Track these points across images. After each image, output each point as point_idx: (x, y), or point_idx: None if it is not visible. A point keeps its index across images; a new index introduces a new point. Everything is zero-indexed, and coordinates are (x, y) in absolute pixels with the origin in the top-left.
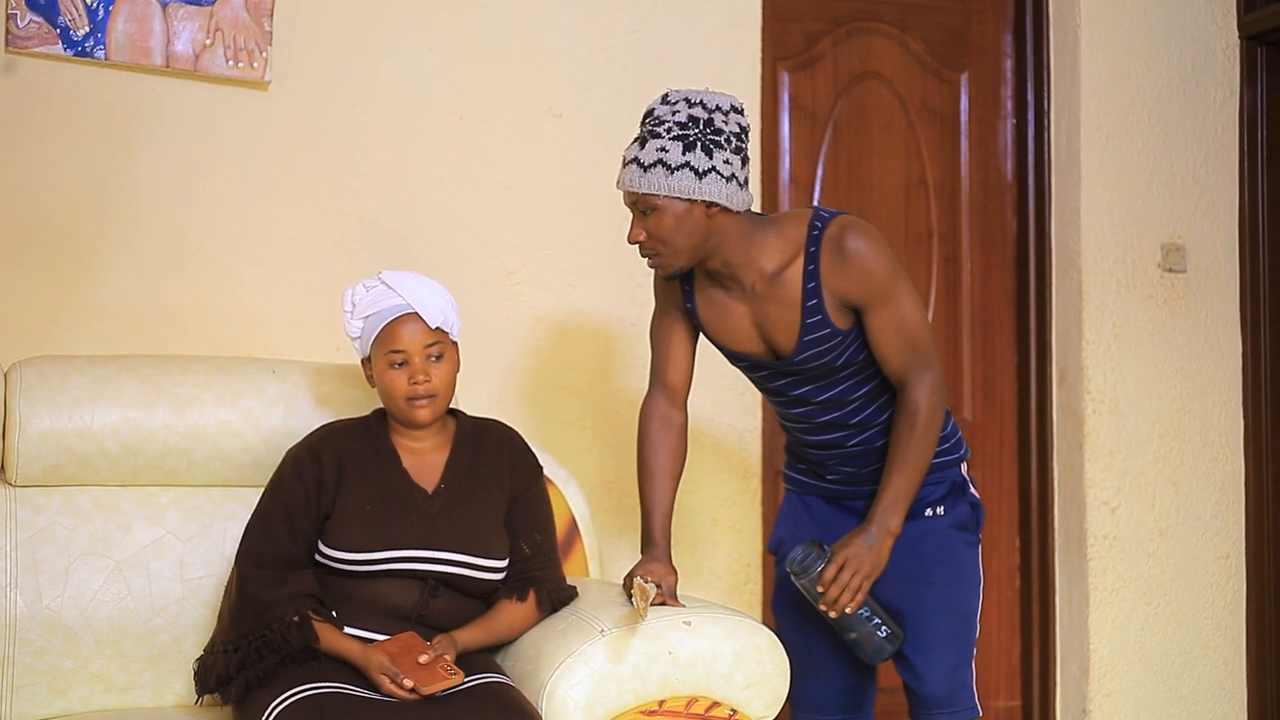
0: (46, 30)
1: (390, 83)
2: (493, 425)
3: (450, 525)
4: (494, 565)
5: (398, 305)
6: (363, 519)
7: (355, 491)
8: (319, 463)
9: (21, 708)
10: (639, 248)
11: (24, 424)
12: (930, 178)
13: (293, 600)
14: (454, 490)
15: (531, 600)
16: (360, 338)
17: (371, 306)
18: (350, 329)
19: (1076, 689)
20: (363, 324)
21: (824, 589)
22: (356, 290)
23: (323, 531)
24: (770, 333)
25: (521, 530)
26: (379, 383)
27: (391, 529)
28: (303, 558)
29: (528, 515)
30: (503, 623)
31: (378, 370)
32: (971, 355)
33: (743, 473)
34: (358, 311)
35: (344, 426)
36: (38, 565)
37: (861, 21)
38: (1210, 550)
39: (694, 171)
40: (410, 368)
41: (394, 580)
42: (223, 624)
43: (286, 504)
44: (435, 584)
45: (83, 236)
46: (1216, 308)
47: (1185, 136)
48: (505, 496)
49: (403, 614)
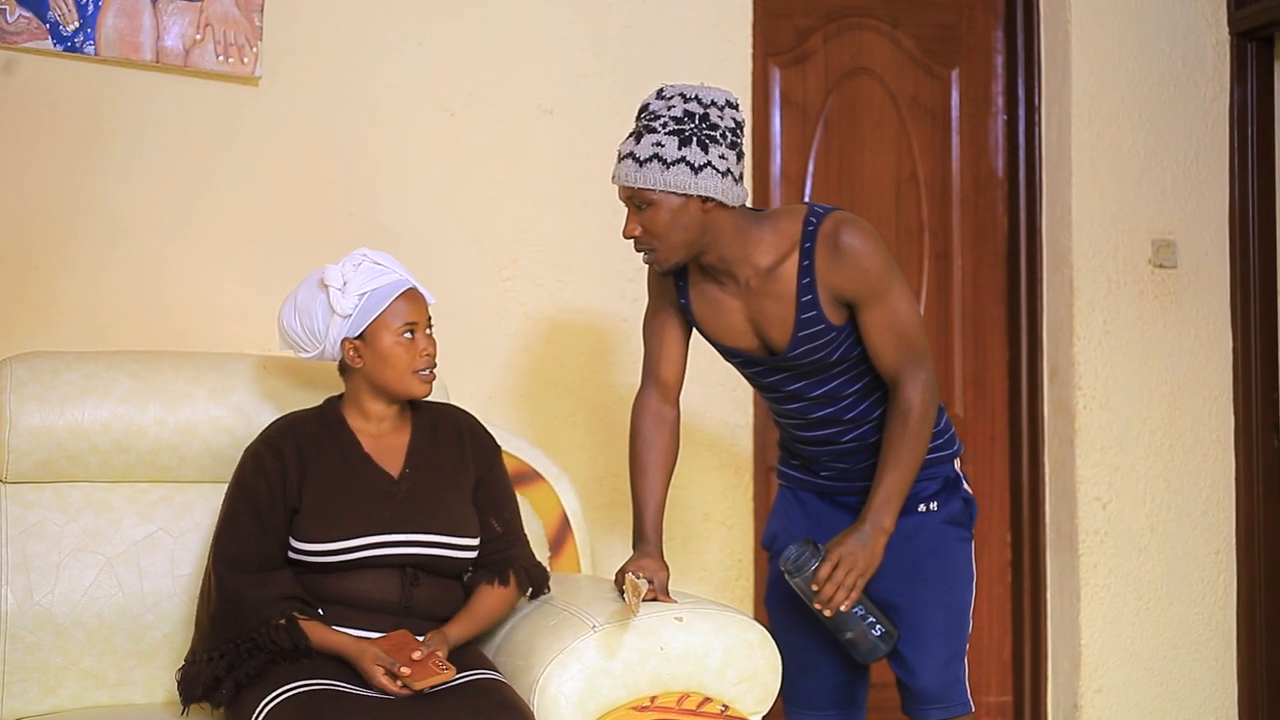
0: (36, 25)
1: (381, 78)
2: (448, 408)
3: (420, 508)
4: (468, 543)
5: (399, 280)
6: (331, 508)
7: (320, 482)
8: (279, 456)
9: (12, 704)
10: (634, 242)
11: (14, 420)
12: (921, 173)
13: (276, 602)
14: (419, 473)
15: (513, 583)
16: (353, 315)
17: (369, 282)
18: (341, 306)
19: (1068, 684)
20: (359, 300)
21: (818, 587)
22: (344, 268)
23: (292, 526)
24: (764, 328)
25: (490, 508)
26: (380, 358)
27: (361, 516)
28: (276, 556)
29: (493, 493)
30: (487, 609)
31: (382, 345)
32: (963, 351)
33: (735, 468)
34: (351, 288)
35: (300, 417)
36: (29, 561)
37: (853, 17)
38: (1201, 545)
39: (690, 166)
40: (419, 338)
41: (372, 573)
42: (203, 631)
43: (253, 502)
44: (414, 572)
45: (72, 232)
46: (1207, 303)
47: (1176, 132)
48: (470, 477)
49: (388, 608)
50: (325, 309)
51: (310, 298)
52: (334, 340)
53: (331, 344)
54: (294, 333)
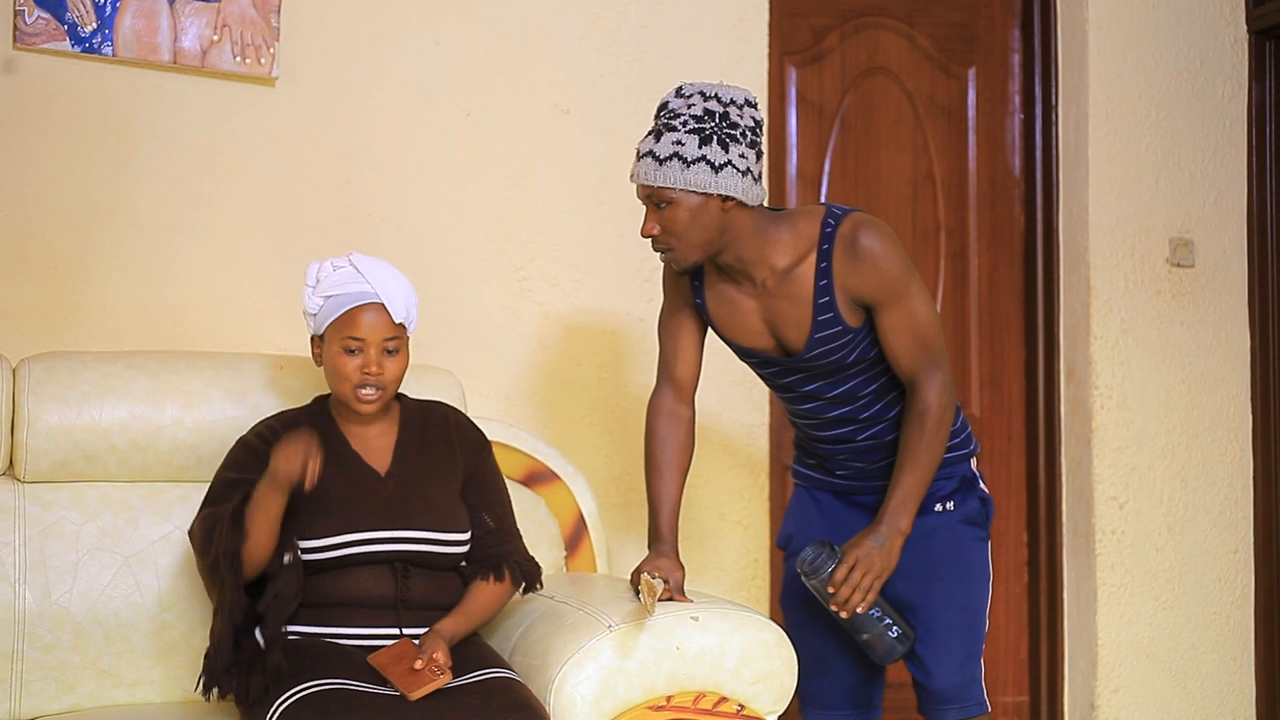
0: (54, 27)
1: (397, 79)
2: (436, 405)
3: (407, 504)
4: (457, 539)
5: (364, 292)
6: (319, 505)
7: None
8: (269, 446)
9: (31, 703)
10: (652, 241)
11: (33, 420)
12: (938, 173)
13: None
14: (406, 470)
15: (507, 579)
16: (316, 315)
17: (336, 287)
18: (309, 304)
19: (1084, 684)
20: (323, 302)
21: (835, 589)
22: (323, 267)
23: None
24: (780, 329)
25: (482, 504)
26: (328, 365)
27: (349, 512)
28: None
29: (484, 488)
30: (481, 605)
31: (329, 353)
32: (979, 351)
33: (750, 468)
34: (320, 289)
35: (291, 416)
36: (46, 561)
37: (869, 17)
38: (1218, 545)
39: (710, 165)
40: (365, 356)
41: (364, 570)
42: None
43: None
44: (405, 566)
45: (90, 233)
46: (1225, 303)
47: (1193, 131)
48: (459, 472)
49: (383, 604)
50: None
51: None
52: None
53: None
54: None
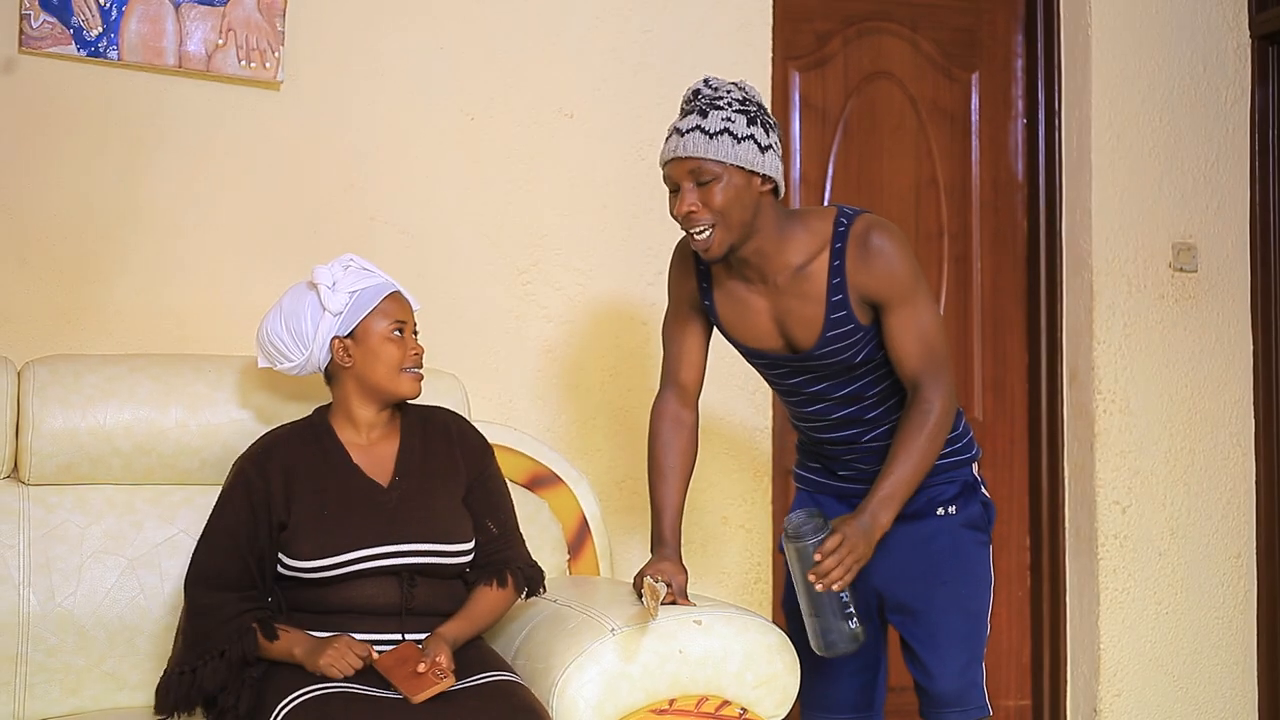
0: (60, 31)
1: (402, 83)
2: (437, 411)
3: (411, 516)
4: (462, 549)
5: (387, 282)
6: (322, 524)
7: (309, 498)
8: (264, 477)
9: (34, 706)
10: (686, 220)
11: (37, 423)
12: (941, 177)
13: (236, 618)
14: (409, 481)
15: (510, 584)
16: (343, 312)
17: (358, 282)
18: (332, 304)
19: (1087, 688)
20: (349, 299)
21: (821, 558)
22: (334, 268)
23: (281, 543)
24: (790, 327)
25: (486, 510)
26: (369, 358)
27: (353, 529)
28: (250, 575)
29: (488, 495)
30: (484, 610)
31: (371, 345)
32: (982, 354)
33: (753, 471)
34: (341, 286)
35: (288, 432)
36: (51, 563)
37: (872, 21)
38: (1221, 549)
39: (757, 145)
40: (408, 339)
41: (370, 580)
42: (177, 646)
43: (232, 522)
44: (410, 575)
45: (94, 236)
46: (1228, 307)
47: (1196, 136)
48: (462, 480)
49: (390, 611)
50: (315, 308)
51: (298, 300)
52: (323, 340)
53: (320, 345)
54: (278, 338)
